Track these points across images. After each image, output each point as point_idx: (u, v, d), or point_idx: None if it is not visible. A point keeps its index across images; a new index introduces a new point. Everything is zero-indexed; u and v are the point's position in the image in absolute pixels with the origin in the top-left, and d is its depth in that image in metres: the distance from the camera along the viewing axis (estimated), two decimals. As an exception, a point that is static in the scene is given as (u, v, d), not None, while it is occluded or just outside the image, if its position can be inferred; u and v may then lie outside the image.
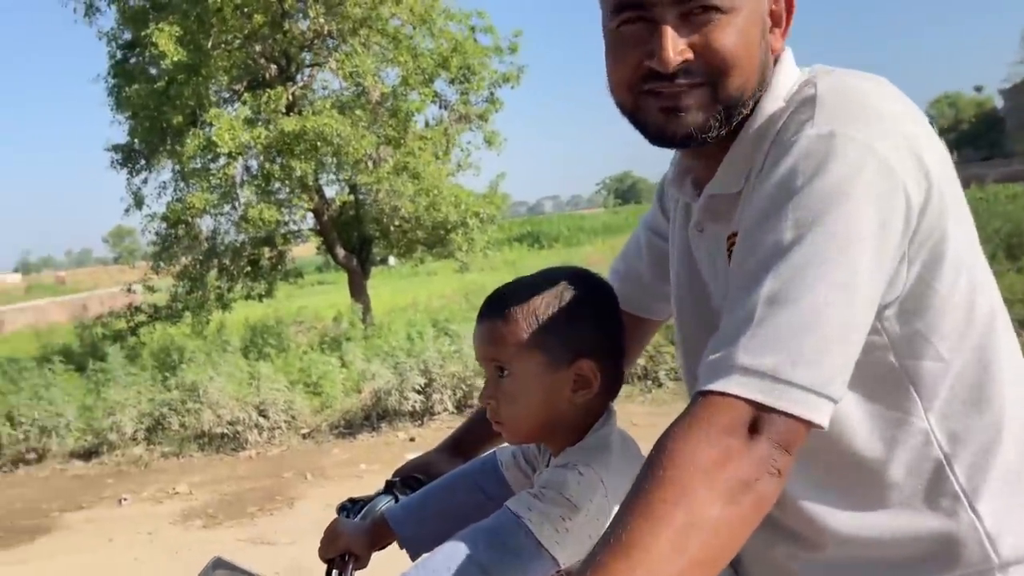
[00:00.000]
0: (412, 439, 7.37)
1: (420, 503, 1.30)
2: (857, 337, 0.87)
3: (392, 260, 21.69)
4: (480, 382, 7.66)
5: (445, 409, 7.70)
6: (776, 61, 1.03)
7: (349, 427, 7.91)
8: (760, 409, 0.82)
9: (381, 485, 1.46)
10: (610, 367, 1.17)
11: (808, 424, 0.84)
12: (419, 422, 7.70)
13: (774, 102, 1.00)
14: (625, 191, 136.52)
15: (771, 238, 0.88)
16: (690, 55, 0.95)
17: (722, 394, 0.83)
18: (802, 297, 0.84)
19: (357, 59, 11.85)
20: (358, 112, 12.09)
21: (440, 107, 13.52)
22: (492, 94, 13.54)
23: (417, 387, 7.68)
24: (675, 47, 0.94)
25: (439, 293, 16.59)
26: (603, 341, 1.16)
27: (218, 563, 1.27)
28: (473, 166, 14.05)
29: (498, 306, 1.16)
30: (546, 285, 1.15)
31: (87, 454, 8.17)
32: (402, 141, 12.39)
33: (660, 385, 7.71)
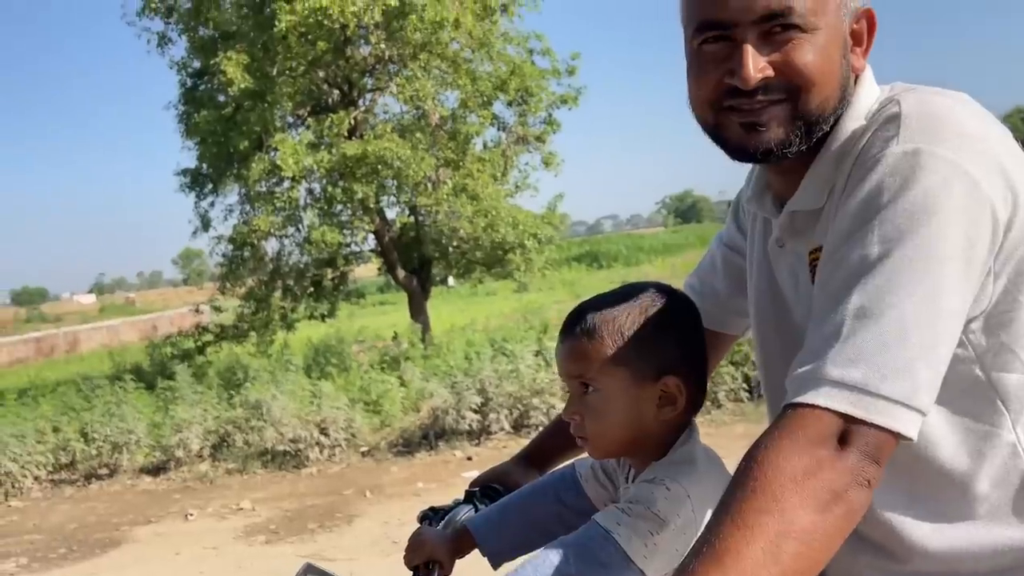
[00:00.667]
0: (469, 458, 7.42)
1: (501, 513, 1.32)
2: (944, 351, 0.88)
3: (451, 280, 21.91)
4: (536, 401, 7.70)
5: (501, 428, 7.73)
6: (857, 79, 1.04)
7: (407, 445, 8.00)
8: (849, 421, 0.84)
9: (461, 495, 1.49)
10: (694, 383, 1.17)
11: (897, 436, 0.85)
12: (476, 441, 7.74)
13: (855, 120, 1.01)
14: (685, 210, 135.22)
15: (858, 253, 0.90)
16: (770, 72, 0.98)
17: (811, 406, 0.85)
18: (890, 311, 0.86)
19: (417, 83, 12.08)
20: (418, 135, 12.30)
21: (498, 129, 13.67)
22: (550, 115, 13.65)
23: (474, 406, 7.73)
24: (756, 65, 0.97)
25: (498, 312, 16.69)
26: (687, 357, 1.16)
27: (309, 568, 1.32)
28: (531, 187, 14.16)
29: (582, 323, 1.16)
30: (629, 300, 1.16)
31: (156, 470, 8.41)
32: (461, 163, 12.56)
33: (719, 406, 7.62)
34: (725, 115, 1.01)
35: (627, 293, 1.18)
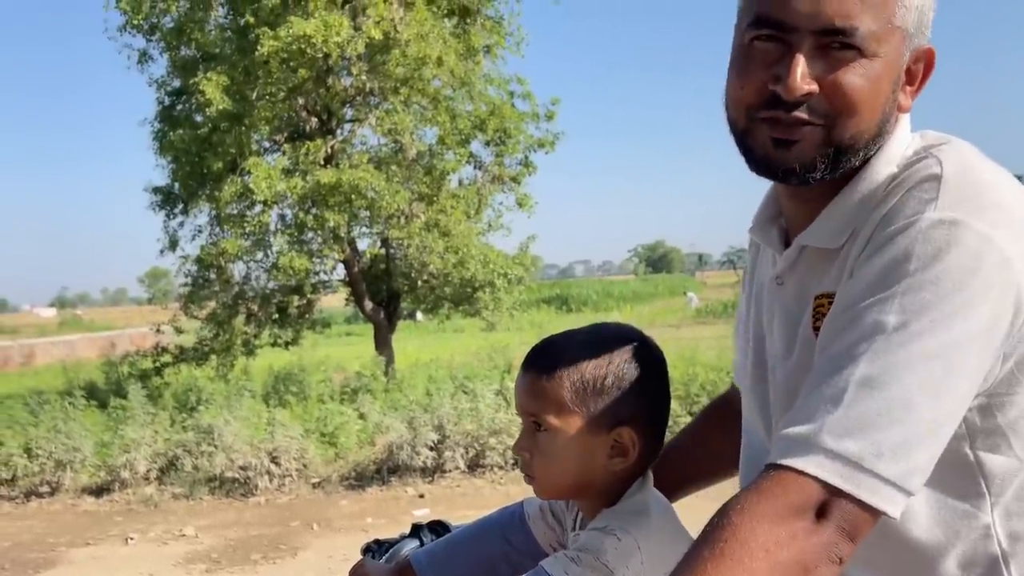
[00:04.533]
0: (421, 495, 7.30)
1: (446, 549, 1.29)
2: (946, 432, 0.84)
3: (419, 315, 21.79)
4: (493, 441, 7.62)
5: (456, 467, 7.63)
6: (895, 121, 0.99)
7: (360, 479, 7.86)
8: (833, 493, 0.80)
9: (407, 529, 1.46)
10: (650, 436, 1.14)
11: (879, 514, 0.82)
12: (430, 479, 7.63)
13: (888, 164, 0.97)
14: (656, 260, 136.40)
15: (873, 318, 0.85)
16: (815, 88, 0.92)
17: (798, 472, 0.81)
18: (897, 385, 0.82)
19: (396, 117, 12.12)
20: (394, 168, 12.32)
21: (474, 167, 13.73)
22: (527, 158, 13.73)
23: (430, 443, 7.64)
24: (803, 77, 0.91)
25: (464, 350, 16.59)
26: (646, 409, 1.13)
27: None
28: (505, 227, 14.19)
29: (544, 360, 1.13)
30: (596, 344, 1.12)
31: (99, 490, 8.18)
32: (435, 198, 12.58)
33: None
34: (758, 125, 0.96)
35: (596, 336, 1.15)
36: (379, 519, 6.75)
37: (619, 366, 1.11)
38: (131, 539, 6.84)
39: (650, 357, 1.15)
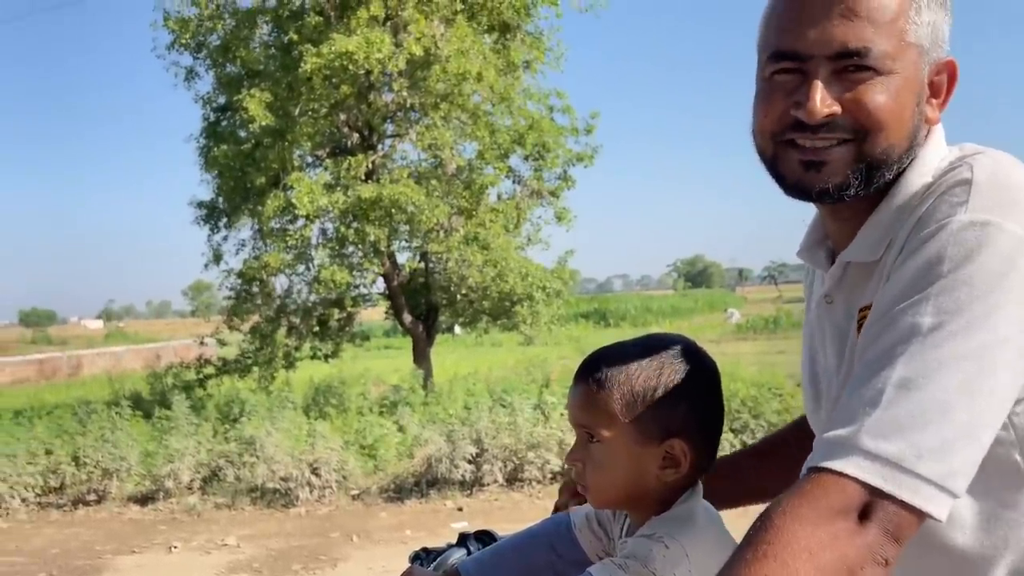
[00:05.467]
0: (460, 508, 7.32)
1: (493, 559, 1.30)
2: (986, 435, 0.84)
3: (458, 329, 21.86)
4: (531, 455, 7.62)
5: (495, 480, 7.64)
6: (928, 133, 1.01)
7: (399, 491, 7.90)
8: (875, 494, 0.80)
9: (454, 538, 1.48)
10: (702, 447, 1.14)
11: (923, 515, 0.81)
12: (468, 492, 7.65)
13: (921, 175, 0.98)
14: (696, 275, 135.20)
15: (909, 320, 0.86)
16: (837, 110, 0.95)
17: (838, 474, 0.81)
18: (934, 386, 0.82)
19: (436, 132, 12.22)
20: (434, 182, 12.42)
21: (513, 182, 13.77)
22: (565, 172, 13.74)
23: (468, 456, 7.65)
24: (823, 100, 0.94)
25: (502, 364, 16.61)
26: (698, 421, 1.13)
27: None
28: (543, 241, 14.21)
29: (596, 372, 1.13)
30: (648, 355, 1.12)
31: (144, 499, 8.33)
32: (474, 212, 12.65)
33: (716, 473, 7.53)
34: (785, 149, 0.99)
35: (647, 346, 1.14)
36: (418, 532, 6.77)
37: (670, 377, 1.10)
38: (175, 548, 6.94)
39: (701, 367, 1.14)
